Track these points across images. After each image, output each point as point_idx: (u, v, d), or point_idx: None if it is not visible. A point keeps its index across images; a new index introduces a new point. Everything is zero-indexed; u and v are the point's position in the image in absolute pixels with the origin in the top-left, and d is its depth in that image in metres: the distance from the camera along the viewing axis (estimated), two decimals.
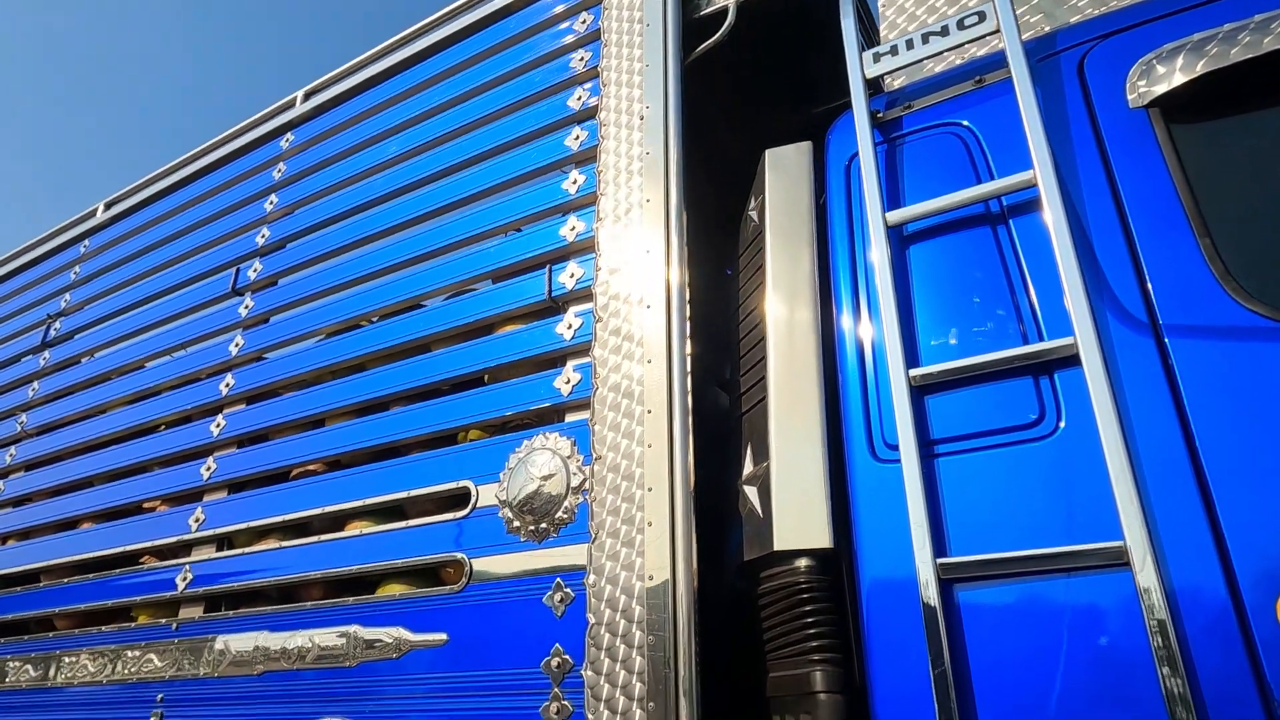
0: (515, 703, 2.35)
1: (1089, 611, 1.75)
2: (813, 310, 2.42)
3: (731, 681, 2.41)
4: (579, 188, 2.94)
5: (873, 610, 1.98)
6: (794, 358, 2.40)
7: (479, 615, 2.54)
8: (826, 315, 2.43)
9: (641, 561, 2.30)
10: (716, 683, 2.24)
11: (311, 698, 2.78)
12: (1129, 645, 1.68)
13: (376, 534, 2.91)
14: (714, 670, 2.20)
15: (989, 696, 1.78)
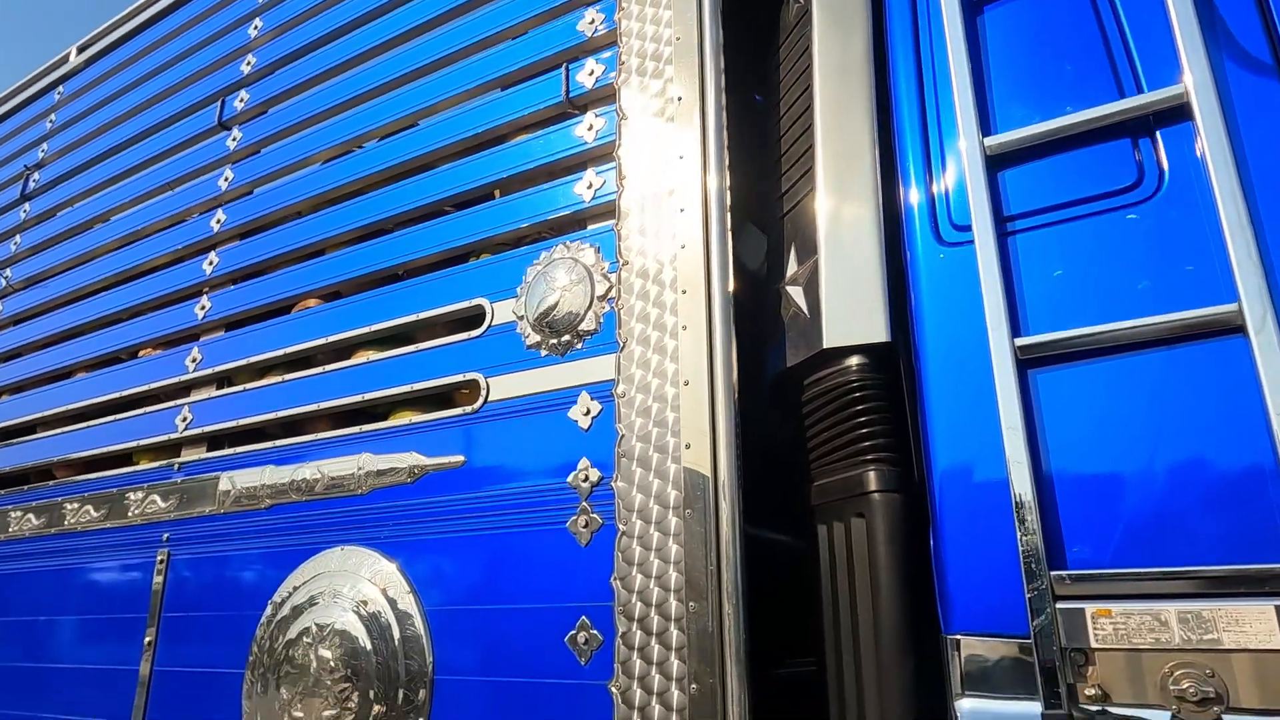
0: (540, 519, 2.20)
1: (1190, 387, 1.55)
2: (867, 86, 2.15)
3: (772, 489, 2.26)
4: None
5: (936, 405, 1.79)
6: (845, 139, 2.14)
7: (498, 434, 2.37)
8: (883, 91, 2.16)
9: (676, 368, 2.11)
10: (756, 490, 2.09)
11: (322, 528, 2.65)
12: (1237, 420, 1.49)
13: (385, 360, 2.72)
14: (754, 476, 2.03)
15: (1072, 492, 1.60)
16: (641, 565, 2.02)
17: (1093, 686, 1.48)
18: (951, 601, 1.69)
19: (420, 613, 2.34)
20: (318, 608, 2.52)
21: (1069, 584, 1.54)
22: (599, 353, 2.26)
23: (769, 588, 2.07)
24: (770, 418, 2.30)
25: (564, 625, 2.09)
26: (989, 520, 1.67)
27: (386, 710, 2.29)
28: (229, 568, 2.84)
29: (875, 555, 1.84)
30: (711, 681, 1.85)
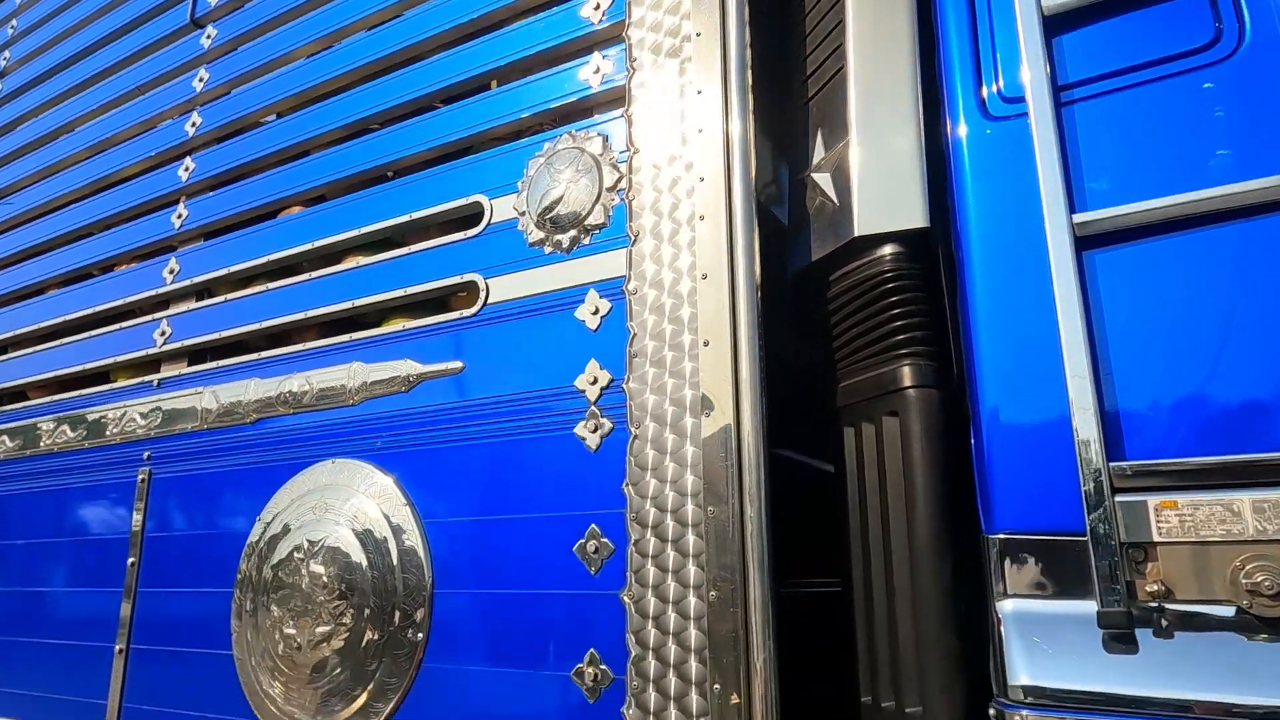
0: (546, 425, 2.07)
1: (1269, 262, 1.41)
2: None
3: (797, 384, 2.12)
4: None
5: (981, 292, 1.65)
6: (879, 10, 1.96)
7: (499, 338, 2.22)
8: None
9: (693, 260, 1.95)
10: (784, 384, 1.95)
11: (312, 441, 2.50)
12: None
13: (376, 265, 2.54)
14: (777, 377, 1.90)
15: (1133, 379, 1.47)
16: (656, 470, 1.89)
17: (1154, 583, 1.37)
18: (994, 500, 1.57)
19: (418, 525, 2.21)
20: (309, 523, 2.39)
21: (1130, 476, 1.42)
22: (608, 248, 2.10)
23: (789, 504, 1.95)
24: (793, 317, 2.15)
25: (572, 534, 1.97)
26: (1039, 412, 1.54)
27: (383, 626, 2.17)
28: (214, 485, 2.70)
29: (910, 454, 1.72)
30: (732, 588, 1.74)
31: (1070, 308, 1.50)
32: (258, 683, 2.37)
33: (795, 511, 2.02)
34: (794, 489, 2.08)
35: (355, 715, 2.18)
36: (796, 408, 2.15)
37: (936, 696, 1.60)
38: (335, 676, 2.22)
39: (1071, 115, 1.62)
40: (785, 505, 1.88)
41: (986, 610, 1.60)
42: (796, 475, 2.19)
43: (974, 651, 1.65)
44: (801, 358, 2.13)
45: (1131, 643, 1.39)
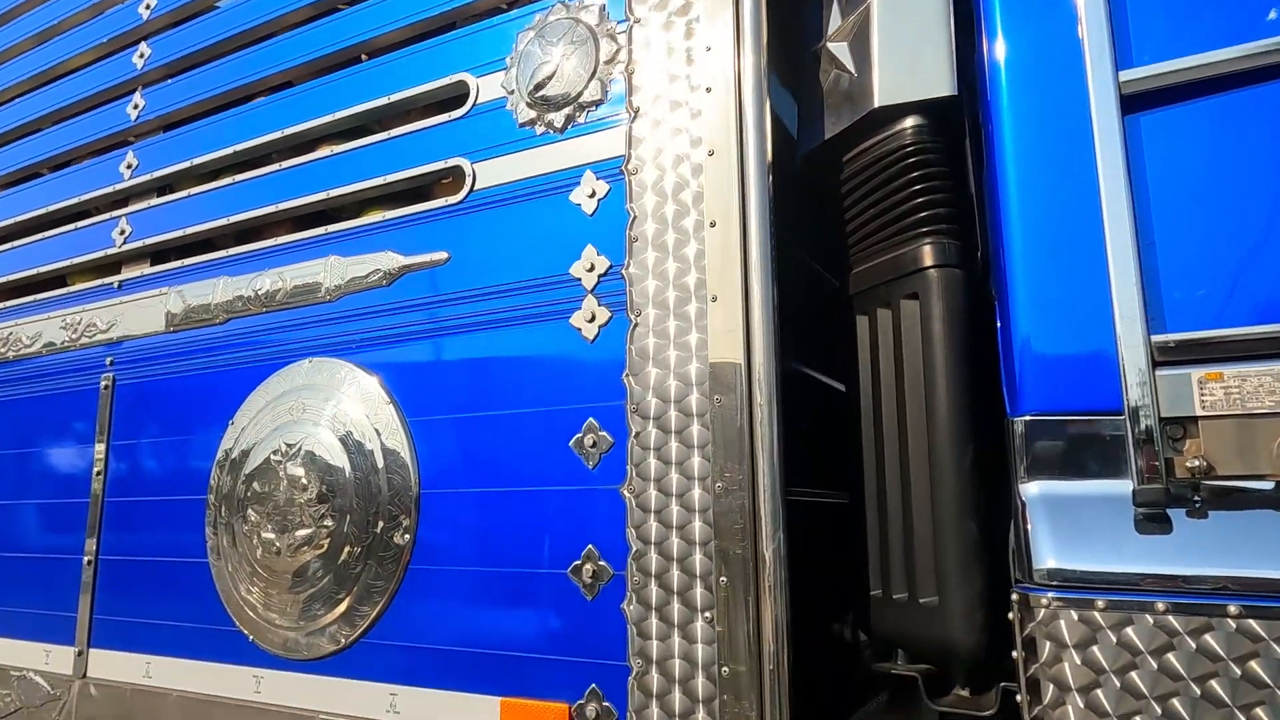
0: (539, 315, 1.94)
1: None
2: None
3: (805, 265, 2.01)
4: None
5: (1012, 159, 1.53)
6: None
7: (487, 226, 2.08)
8: None
9: (699, 135, 1.81)
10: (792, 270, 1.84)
11: (286, 340, 2.36)
12: None
13: (351, 152, 2.36)
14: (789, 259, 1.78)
15: (1177, 248, 1.37)
16: (658, 358, 1.78)
17: (1194, 458, 1.30)
18: (1021, 380, 1.48)
19: (402, 424, 2.10)
20: (286, 425, 2.26)
21: (1172, 348, 1.33)
22: (606, 126, 1.95)
23: (797, 415, 1.86)
24: (802, 200, 2.02)
25: (568, 428, 1.86)
26: (1075, 286, 1.44)
27: (367, 528, 2.08)
28: (183, 389, 2.56)
29: (930, 336, 1.62)
30: (740, 479, 1.65)
31: (1114, 173, 1.39)
32: (236, 590, 2.28)
33: (804, 423, 1.94)
34: (801, 400, 2.00)
35: (339, 619, 2.10)
36: (803, 306, 2.05)
37: (954, 586, 1.54)
38: (317, 581, 2.13)
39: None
40: (792, 415, 1.80)
41: (1006, 498, 1.53)
42: (804, 387, 2.10)
43: (992, 542, 1.58)
44: (810, 248, 2.02)
45: (1165, 522, 1.33)
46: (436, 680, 1.93)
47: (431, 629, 1.97)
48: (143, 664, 2.43)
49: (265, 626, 2.21)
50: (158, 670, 2.39)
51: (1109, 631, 1.29)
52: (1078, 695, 1.31)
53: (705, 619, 1.65)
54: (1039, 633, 1.35)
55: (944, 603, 1.55)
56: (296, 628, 2.15)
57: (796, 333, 1.92)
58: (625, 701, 1.70)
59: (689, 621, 1.67)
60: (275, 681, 2.18)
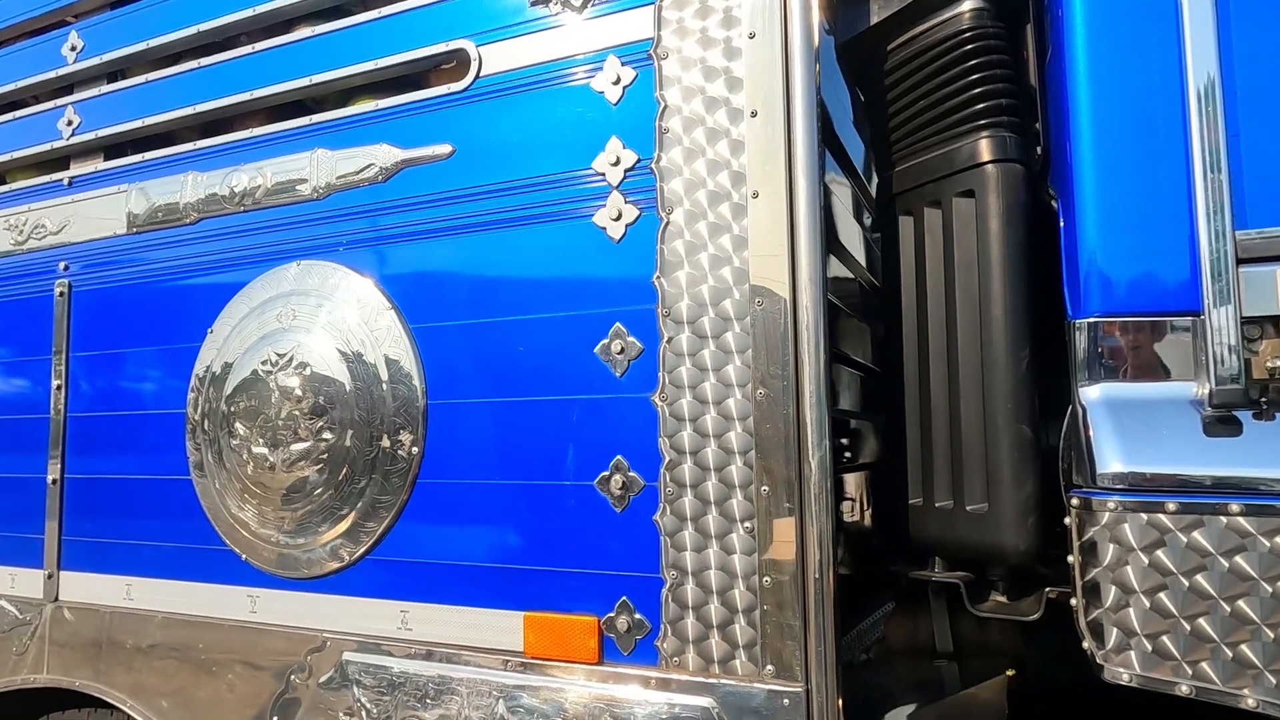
0: (558, 213, 1.80)
1: None
2: None
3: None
4: None
5: (1083, 38, 1.43)
6: None
7: (496, 116, 1.91)
8: None
9: (738, 12, 1.67)
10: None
11: (269, 242, 2.17)
12: None
13: (334, 33, 2.14)
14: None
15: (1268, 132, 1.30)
16: (692, 259, 1.67)
17: (1274, 359, 1.26)
18: (1086, 281, 1.42)
19: (404, 330, 1.96)
20: (274, 333, 2.10)
21: (1258, 243, 1.28)
22: (631, 4, 1.78)
23: None
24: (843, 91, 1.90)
25: (593, 334, 1.76)
26: (1148, 181, 1.37)
27: (371, 441, 1.96)
28: (152, 295, 2.36)
29: (987, 234, 1.55)
30: (784, 383, 1.57)
31: (1203, 45, 1.30)
32: (225, 507, 2.15)
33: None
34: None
35: (342, 536, 1.99)
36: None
37: (1007, 492, 1.50)
38: (317, 496, 2.01)
39: None
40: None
41: (1057, 402, 1.49)
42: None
43: (1041, 448, 1.55)
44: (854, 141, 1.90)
45: (1235, 424, 1.30)
46: (452, 596, 1.86)
47: (445, 545, 1.88)
48: (122, 586, 2.30)
49: (259, 545, 2.10)
50: (140, 592, 2.27)
51: (1179, 534, 1.27)
52: (1143, 597, 1.29)
53: (745, 529, 1.59)
54: (1102, 536, 1.32)
55: (994, 508, 1.52)
56: (295, 545, 2.05)
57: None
58: (659, 613, 1.65)
59: (727, 532, 1.61)
60: (272, 600, 2.08)
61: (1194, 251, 1.31)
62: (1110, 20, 1.41)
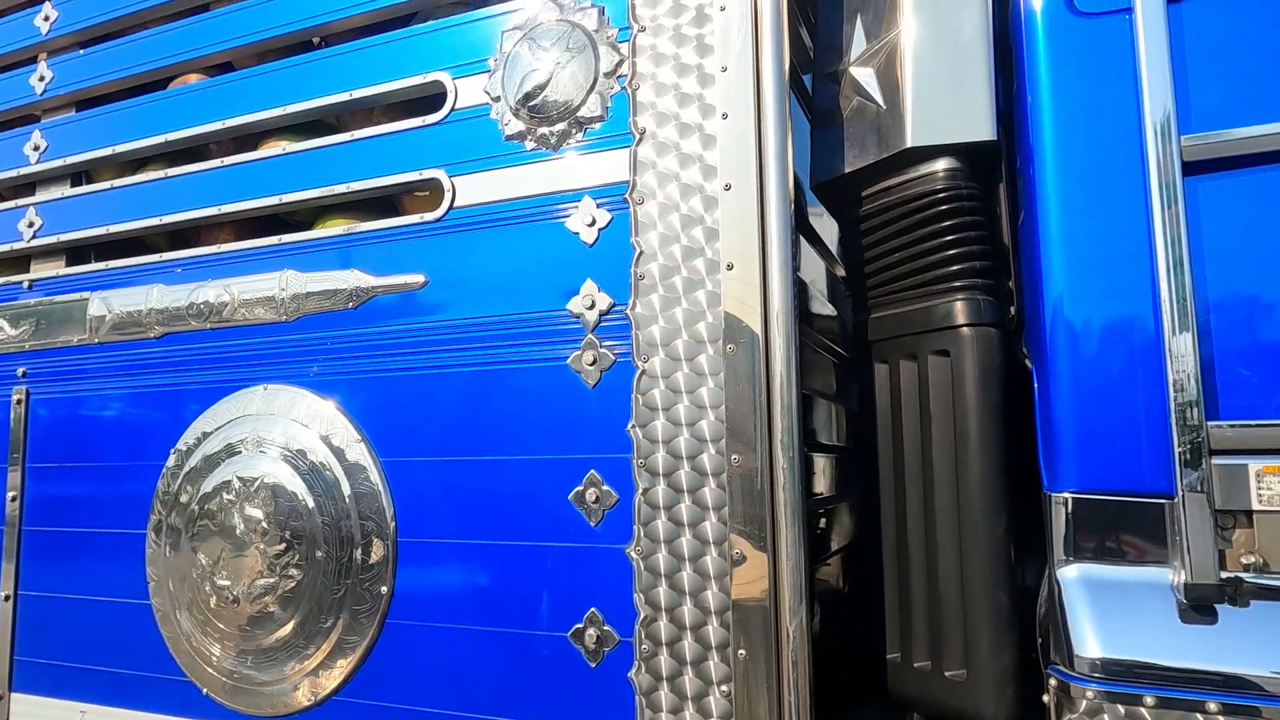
0: (533, 354, 1.78)
1: None
2: None
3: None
4: None
5: (1057, 219, 1.45)
6: None
7: (470, 248, 1.89)
8: None
9: (713, 166, 1.66)
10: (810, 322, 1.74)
11: (235, 362, 2.13)
12: None
13: (307, 152, 2.11)
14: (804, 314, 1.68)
15: (1237, 327, 1.32)
16: (668, 410, 1.65)
17: (1250, 554, 1.27)
18: (1060, 455, 1.42)
19: (375, 465, 1.92)
20: (239, 458, 2.05)
21: (1229, 436, 1.28)
22: (607, 146, 1.78)
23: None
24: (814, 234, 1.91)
25: (568, 480, 1.73)
26: (1124, 360, 1.38)
27: (337, 577, 1.90)
28: (113, 409, 2.29)
29: (962, 399, 1.54)
30: (761, 543, 1.56)
31: (1173, 244, 1.32)
32: (185, 636, 2.07)
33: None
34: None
35: (306, 675, 1.93)
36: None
37: (985, 662, 1.49)
38: (280, 632, 1.95)
39: (1179, 16, 1.40)
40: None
41: (1041, 571, 1.48)
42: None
43: (1022, 615, 1.54)
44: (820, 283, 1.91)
45: (1212, 615, 1.30)
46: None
47: (414, 689, 1.83)
48: (76, 713, 2.21)
49: (220, 678, 2.03)
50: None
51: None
52: None
53: (721, 693, 1.56)
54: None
55: (973, 677, 1.50)
56: (258, 681, 1.98)
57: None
58: None
59: (703, 695, 1.58)
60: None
61: (1168, 438, 1.31)
62: (1082, 199, 1.43)
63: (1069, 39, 1.48)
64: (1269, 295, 1.30)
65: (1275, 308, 1.30)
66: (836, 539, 1.95)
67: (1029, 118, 1.51)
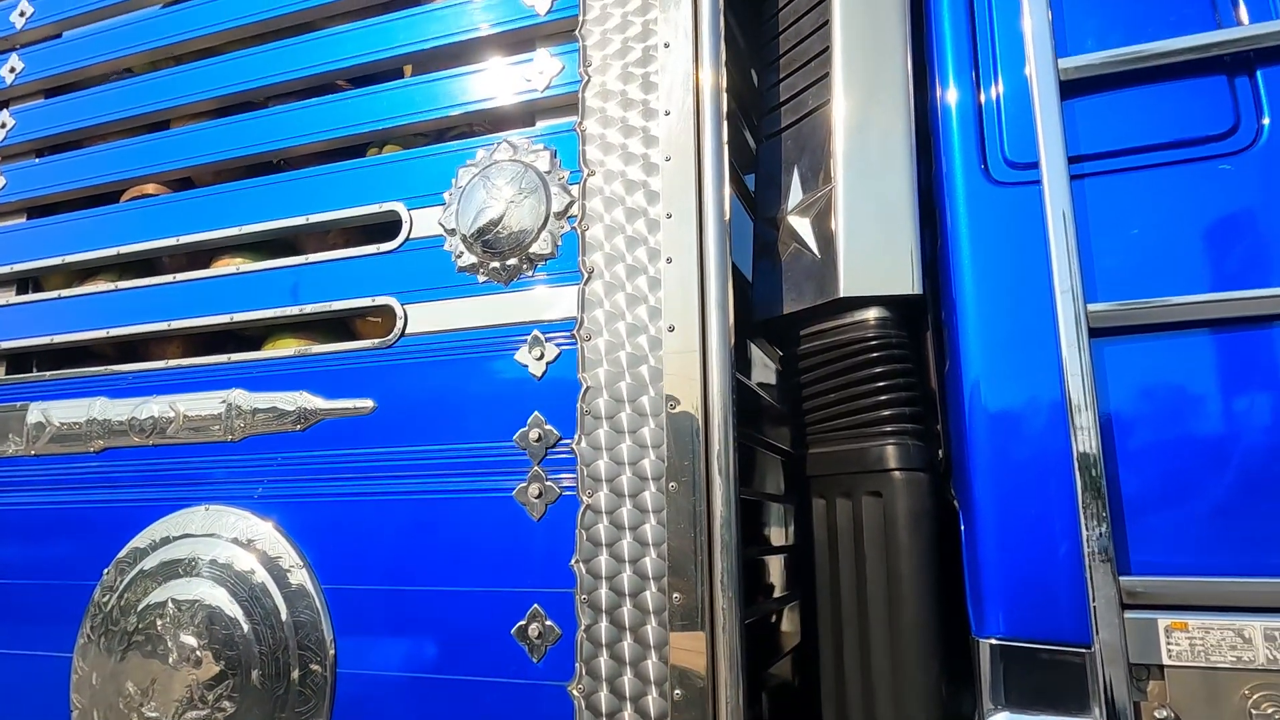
0: (479, 485, 1.80)
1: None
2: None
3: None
4: None
5: (978, 374, 1.54)
6: (872, 48, 1.79)
7: (421, 377, 1.92)
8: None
9: (658, 308, 1.73)
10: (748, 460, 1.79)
11: (177, 481, 2.10)
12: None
13: (261, 273, 2.14)
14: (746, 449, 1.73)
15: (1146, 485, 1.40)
16: (611, 547, 1.68)
17: (1162, 707, 1.32)
18: (987, 601, 1.48)
19: (317, 591, 1.90)
20: (176, 580, 2.01)
21: (1140, 591, 1.35)
22: (557, 282, 1.84)
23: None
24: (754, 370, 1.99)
25: (510, 614, 1.73)
26: (1041, 511, 1.45)
27: (273, 710, 1.86)
28: (46, 525, 2.23)
29: (894, 542, 1.60)
30: (701, 688, 1.57)
31: (1082, 404, 1.41)
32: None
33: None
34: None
35: None
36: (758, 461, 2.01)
37: None
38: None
39: (1084, 191, 1.52)
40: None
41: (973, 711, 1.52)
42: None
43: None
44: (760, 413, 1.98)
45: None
46: None
47: None
48: None
49: None
50: None
51: None
52: None
53: None
54: None
55: None
56: None
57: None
58: None
59: None
60: None
61: (1084, 591, 1.38)
62: (999, 355, 1.52)
63: (986, 204, 1.60)
64: (1176, 454, 1.39)
65: (1182, 466, 1.39)
66: (777, 673, 1.98)
67: (951, 273, 1.61)
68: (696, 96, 1.78)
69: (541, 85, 1.95)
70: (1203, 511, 1.36)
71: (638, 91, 1.84)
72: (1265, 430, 1.34)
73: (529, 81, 1.97)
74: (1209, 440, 1.38)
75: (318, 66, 2.20)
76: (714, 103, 1.77)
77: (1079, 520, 1.39)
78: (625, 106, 1.84)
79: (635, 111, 1.82)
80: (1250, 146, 1.45)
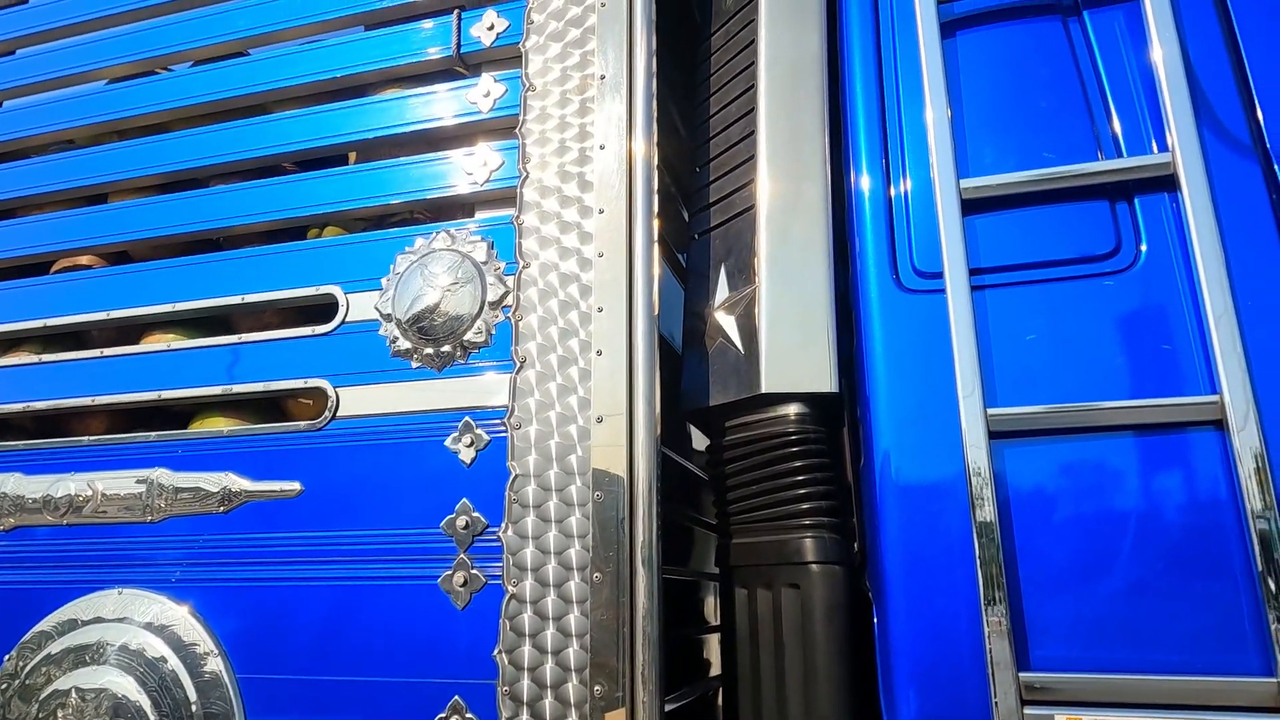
0: (404, 572, 1.80)
1: (1167, 478, 1.47)
2: (820, 92, 1.92)
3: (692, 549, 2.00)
4: None
5: (888, 470, 1.61)
6: (793, 158, 1.90)
7: (350, 461, 1.92)
8: (836, 104, 1.94)
9: (587, 398, 1.78)
10: (677, 550, 1.83)
11: (91, 562, 2.04)
12: (1214, 519, 1.42)
13: (192, 350, 2.13)
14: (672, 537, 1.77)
15: (1044, 584, 1.47)
16: (535, 638, 1.68)
17: None
18: (898, 694, 1.52)
19: (232, 682, 1.85)
20: (84, 669, 1.94)
21: (1039, 688, 1.41)
22: (489, 371, 1.88)
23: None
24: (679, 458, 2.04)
25: (431, 706, 1.71)
26: (947, 607, 1.51)
27: None
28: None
29: (811, 634, 1.64)
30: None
31: (983, 503, 1.48)
32: None
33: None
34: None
35: None
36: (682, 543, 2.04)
37: None
38: None
39: (985, 301, 1.63)
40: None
41: None
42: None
43: None
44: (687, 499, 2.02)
45: None
46: None
47: None
48: None
49: None
50: None
51: None
52: None
53: None
54: None
55: None
56: None
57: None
58: None
59: None
60: None
61: (987, 686, 1.43)
62: (909, 457, 1.60)
63: (897, 310, 1.70)
64: (1075, 552, 1.47)
65: (1080, 564, 1.46)
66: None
67: (866, 373, 1.69)
68: (629, 197, 1.87)
69: (482, 179, 2.02)
70: (1101, 608, 1.43)
71: (574, 189, 1.92)
72: (1157, 531, 1.43)
73: (470, 174, 2.04)
74: (1106, 539, 1.46)
75: (265, 149, 2.24)
76: (645, 203, 1.86)
77: (979, 607, 1.45)
78: (562, 203, 1.91)
79: (571, 208, 1.90)
80: (1130, 267, 1.58)
